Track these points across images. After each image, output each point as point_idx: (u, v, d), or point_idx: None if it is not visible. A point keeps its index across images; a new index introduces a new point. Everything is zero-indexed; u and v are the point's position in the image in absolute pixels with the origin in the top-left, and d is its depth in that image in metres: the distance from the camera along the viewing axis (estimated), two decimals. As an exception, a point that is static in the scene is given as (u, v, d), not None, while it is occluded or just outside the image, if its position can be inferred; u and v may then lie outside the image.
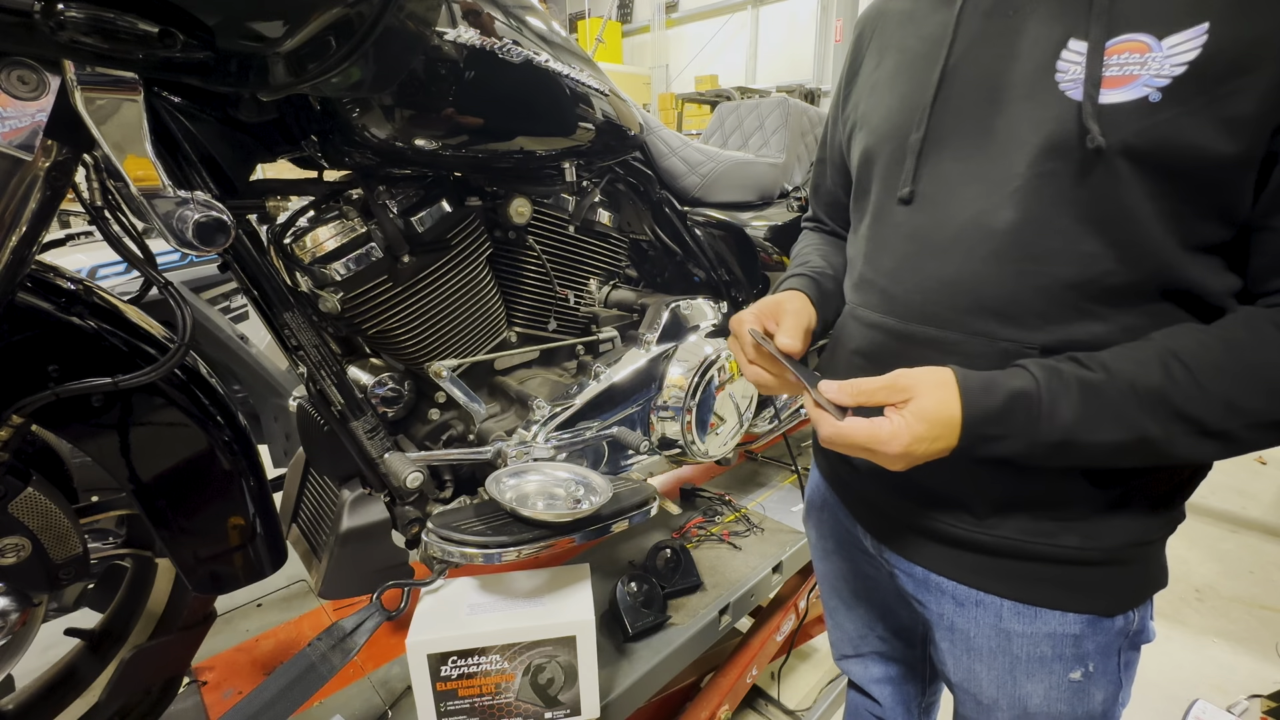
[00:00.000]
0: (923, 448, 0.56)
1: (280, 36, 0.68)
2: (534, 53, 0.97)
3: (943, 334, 0.63)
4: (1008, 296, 0.59)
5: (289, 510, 1.21)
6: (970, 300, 0.61)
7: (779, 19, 10.16)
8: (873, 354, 0.70)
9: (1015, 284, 0.59)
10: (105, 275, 1.87)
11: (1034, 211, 0.57)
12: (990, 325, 0.60)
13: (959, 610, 0.70)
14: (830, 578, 0.97)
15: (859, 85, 0.77)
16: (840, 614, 0.99)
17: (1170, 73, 0.50)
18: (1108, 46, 0.52)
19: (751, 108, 1.81)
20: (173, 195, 0.68)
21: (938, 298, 0.63)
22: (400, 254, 1.01)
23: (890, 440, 0.56)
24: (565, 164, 1.14)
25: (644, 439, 1.29)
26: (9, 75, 0.60)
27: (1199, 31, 0.49)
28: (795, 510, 1.46)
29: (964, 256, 0.61)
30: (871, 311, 0.71)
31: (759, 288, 1.65)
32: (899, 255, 0.68)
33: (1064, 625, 0.65)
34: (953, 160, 0.63)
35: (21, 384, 0.70)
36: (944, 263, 0.63)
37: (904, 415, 0.56)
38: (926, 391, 0.56)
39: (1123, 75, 0.52)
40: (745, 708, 1.67)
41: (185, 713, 1.06)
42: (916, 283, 0.65)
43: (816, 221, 0.97)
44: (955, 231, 0.62)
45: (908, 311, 0.66)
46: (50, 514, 0.76)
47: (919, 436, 0.55)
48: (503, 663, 0.88)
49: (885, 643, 0.96)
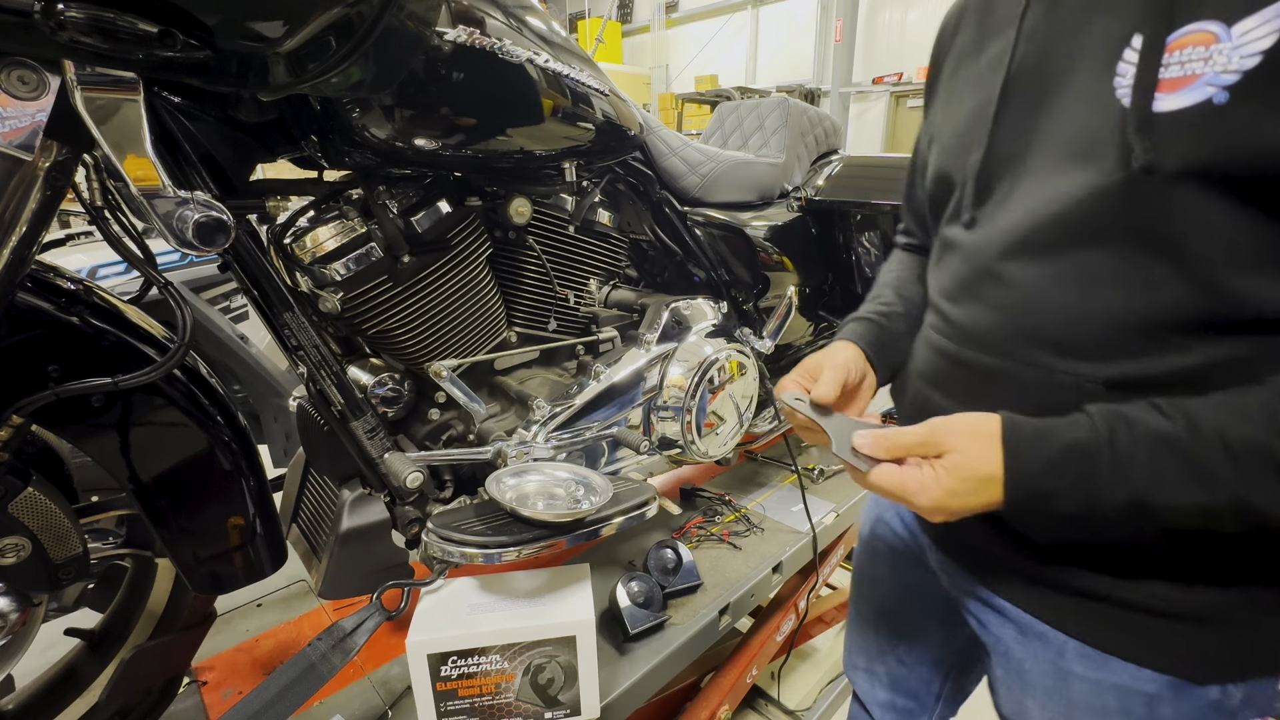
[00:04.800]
0: (957, 502, 0.51)
1: (280, 36, 0.68)
2: (534, 53, 0.97)
3: (998, 363, 0.58)
4: (1065, 325, 0.54)
5: (289, 510, 1.21)
6: (1024, 328, 0.56)
7: (779, 19, 10.15)
8: (934, 378, 0.67)
9: (1072, 312, 0.53)
10: (105, 275, 1.87)
11: (1089, 234, 0.51)
12: (1047, 356, 0.55)
13: (1020, 639, 0.64)
14: (870, 580, 0.91)
15: (938, 93, 0.72)
16: (866, 621, 0.93)
17: (1240, 66, 0.42)
18: (1170, 41, 0.45)
19: (751, 108, 1.81)
20: (173, 195, 0.68)
21: (991, 324, 0.59)
22: (400, 254, 1.01)
23: (919, 493, 0.52)
24: (565, 164, 1.14)
25: (644, 439, 1.29)
26: (9, 75, 0.60)
27: (1275, 11, 0.41)
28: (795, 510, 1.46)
29: (1017, 281, 0.56)
30: (935, 334, 0.67)
31: (759, 288, 1.65)
32: (956, 277, 0.64)
33: (1137, 680, 0.57)
34: (1011, 178, 0.58)
35: (21, 384, 0.69)
36: (996, 288, 0.58)
37: (935, 468, 0.52)
38: (963, 446, 0.52)
39: (1183, 75, 0.45)
40: (745, 708, 1.67)
41: (185, 713, 1.06)
42: (971, 307, 0.61)
43: (907, 235, 0.90)
44: (1007, 253, 0.57)
45: (964, 337, 0.62)
46: (50, 514, 0.76)
47: (951, 491, 0.51)
48: (503, 663, 0.88)
49: (904, 667, 0.90)
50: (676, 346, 1.35)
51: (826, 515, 1.47)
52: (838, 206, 1.68)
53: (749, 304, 1.65)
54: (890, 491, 0.54)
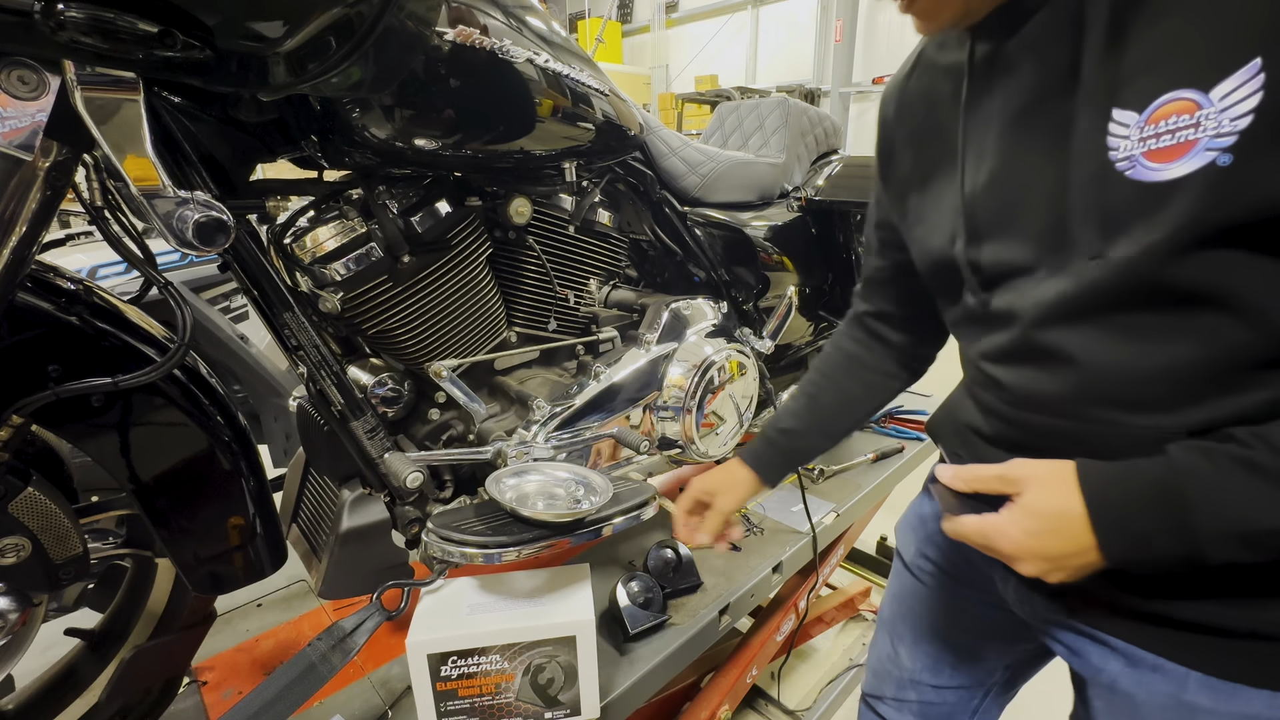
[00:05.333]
0: (1039, 543, 0.51)
1: (280, 36, 0.68)
2: (534, 53, 0.97)
3: (1068, 424, 0.57)
4: (1128, 385, 0.53)
5: (289, 510, 1.21)
6: (1087, 392, 0.55)
7: (779, 19, 10.15)
8: (994, 438, 0.65)
9: (1132, 372, 0.52)
10: (105, 275, 1.87)
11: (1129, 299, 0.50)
12: (1117, 414, 0.54)
13: (1129, 671, 0.60)
14: (916, 603, 0.87)
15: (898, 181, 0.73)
16: (904, 646, 0.89)
17: (1233, 128, 0.42)
18: (1149, 113, 0.46)
19: (751, 108, 1.81)
20: (173, 195, 0.68)
21: (1051, 390, 0.57)
22: (400, 254, 1.01)
23: (998, 535, 0.52)
24: (565, 164, 1.14)
25: (644, 439, 1.29)
26: (9, 75, 0.60)
27: (1251, 71, 0.41)
28: (795, 510, 1.46)
29: (1065, 349, 0.55)
30: (989, 395, 0.65)
31: (759, 288, 1.65)
32: (995, 345, 0.62)
33: (1272, 708, 0.53)
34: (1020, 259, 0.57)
35: (21, 384, 0.69)
36: (1044, 356, 0.56)
37: (1012, 509, 0.52)
38: (1038, 485, 0.52)
39: (1178, 143, 0.44)
40: (745, 708, 1.67)
41: (185, 713, 1.06)
42: (1023, 373, 0.59)
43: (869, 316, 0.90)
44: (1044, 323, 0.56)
45: (1024, 402, 0.60)
46: (50, 514, 0.76)
47: (1031, 531, 0.51)
48: (503, 663, 0.88)
49: (938, 693, 0.87)
50: (676, 346, 1.35)
51: (826, 515, 1.47)
52: (838, 206, 1.68)
53: (749, 304, 1.65)
54: (971, 539, 0.54)
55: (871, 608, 2.03)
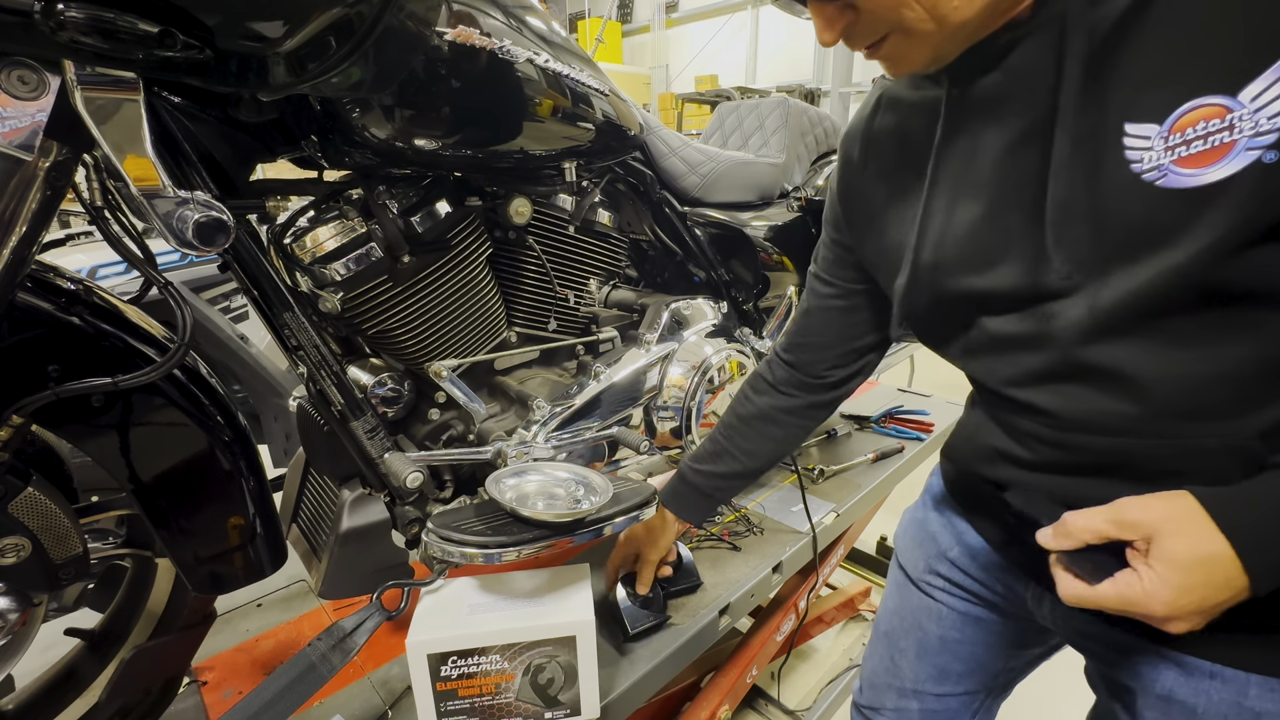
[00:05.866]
0: (1195, 598, 0.46)
1: (280, 36, 0.68)
2: (534, 53, 0.97)
3: (1124, 442, 0.54)
4: (1190, 396, 0.51)
5: (289, 510, 1.21)
6: (1144, 409, 0.53)
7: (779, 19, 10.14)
8: (1036, 463, 0.62)
9: (1188, 376, 0.50)
10: (105, 275, 1.87)
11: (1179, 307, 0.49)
12: (1176, 425, 0.52)
13: (1184, 679, 0.58)
14: (924, 618, 0.85)
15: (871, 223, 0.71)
16: (907, 660, 0.87)
17: (1272, 125, 0.42)
18: (1172, 122, 0.45)
19: (751, 108, 1.81)
20: (173, 195, 0.68)
21: (1101, 408, 0.55)
22: (400, 254, 1.01)
23: (1147, 600, 0.47)
24: (565, 164, 1.14)
25: (644, 439, 1.29)
26: (9, 75, 0.60)
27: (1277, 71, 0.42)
28: (795, 510, 1.46)
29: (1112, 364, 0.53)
30: (1023, 420, 0.62)
31: (759, 288, 1.65)
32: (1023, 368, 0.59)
33: None
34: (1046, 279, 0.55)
35: (21, 384, 0.69)
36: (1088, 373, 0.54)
37: (1154, 567, 0.47)
38: (1170, 529, 0.47)
39: (1213, 147, 0.44)
40: (745, 708, 1.67)
41: (185, 713, 1.06)
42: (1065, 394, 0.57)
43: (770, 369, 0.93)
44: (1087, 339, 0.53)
45: (1069, 425, 0.57)
46: (50, 514, 0.76)
47: (1184, 588, 0.46)
48: (503, 663, 0.88)
49: (941, 700, 0.86)
50: (676, 346, 1.35)
51: (826, 515, 1.47)
52: (838, 206, 1.67)
53: (749, 304, 1.65)
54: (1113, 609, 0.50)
55: (871, 607, 2.03)
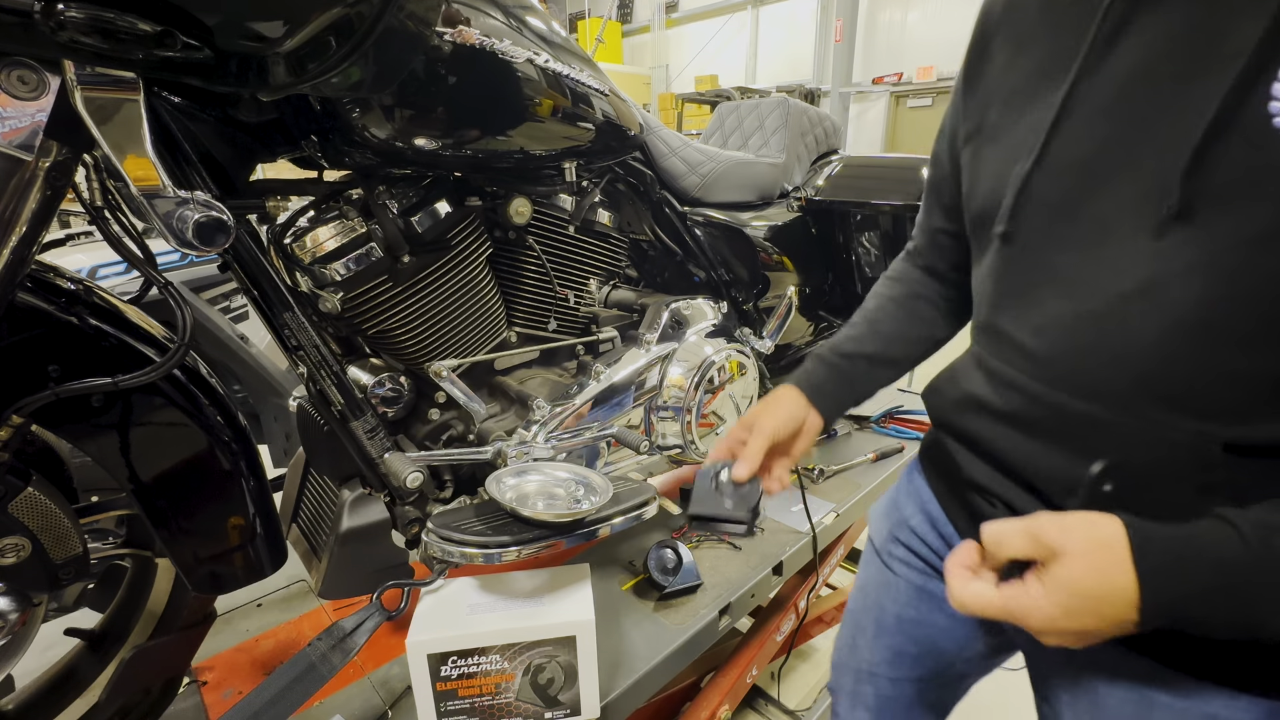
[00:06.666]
0: (1077, 623, 0.45)
1: (280, 36, 0.68)
2: (534, 53, 0.97)
3: (1101, 413, 0.52)
4: (1187, 381, 0.48)
5: (289, 510, 1.21)
6: (1135, 379, 0.50)
7: (779, 19, 10.16)
8: (1011, 416, 0.59)
9: (1199, 368, 0.47)
10: (105, 275, 1.87)
11: (1237, 285, 0.44)
12: (1159, 412, 0.49)
13: (1091, 664, 0.59)
14: (882, 594, 0.84)
15: (988, 83, 0.63)
16: (865, 638, 0.86)
17: None
18: None
19: (751, 108, 1.81)
20: (173, 195, 0.68)
21: (1093, 368, 0.52)
22: (400, 254, 1.01)
23: (1027, 614, 0.46)
24: (565, 164, 1.14)
25: (644, 439, 1.29)
26: (9, 75, 0.60)
27: None
28: (795, 510, 1.46)
29: (1131, 325, 0.49)
30: (1005, 365, 0.59)
31: (759, 288, 1.65)
32: (1047, 312, 0.56)
33: (1231, 709, 0.52)
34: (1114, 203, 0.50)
35: (21, 384, 0.69)
36: (1102, 330, 0.51)
37: (1044, 583, 0.46)
38: (1078, 555, 0.45)
39: None
40: (745, 708, 1.67)
41: (185, 713, 1.06)
42: (1065, 346, 0.54)
43: (929, 234, 0.81)
44: (1119, 294, 0.50)
45: (1054, 378, 0.55)
46: (50, 514, 0.76)
47: (1070, 610, 0.45)
48: (503, 663, 0.88)
49: (896, 687, 0.84)
50: (676, 346, 1.35)
51: (826, 515, 1.47)
52: (838, 206, 1.68)
53: (749, 304, 1.65)
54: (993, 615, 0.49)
55: (871, 608, 2.03)
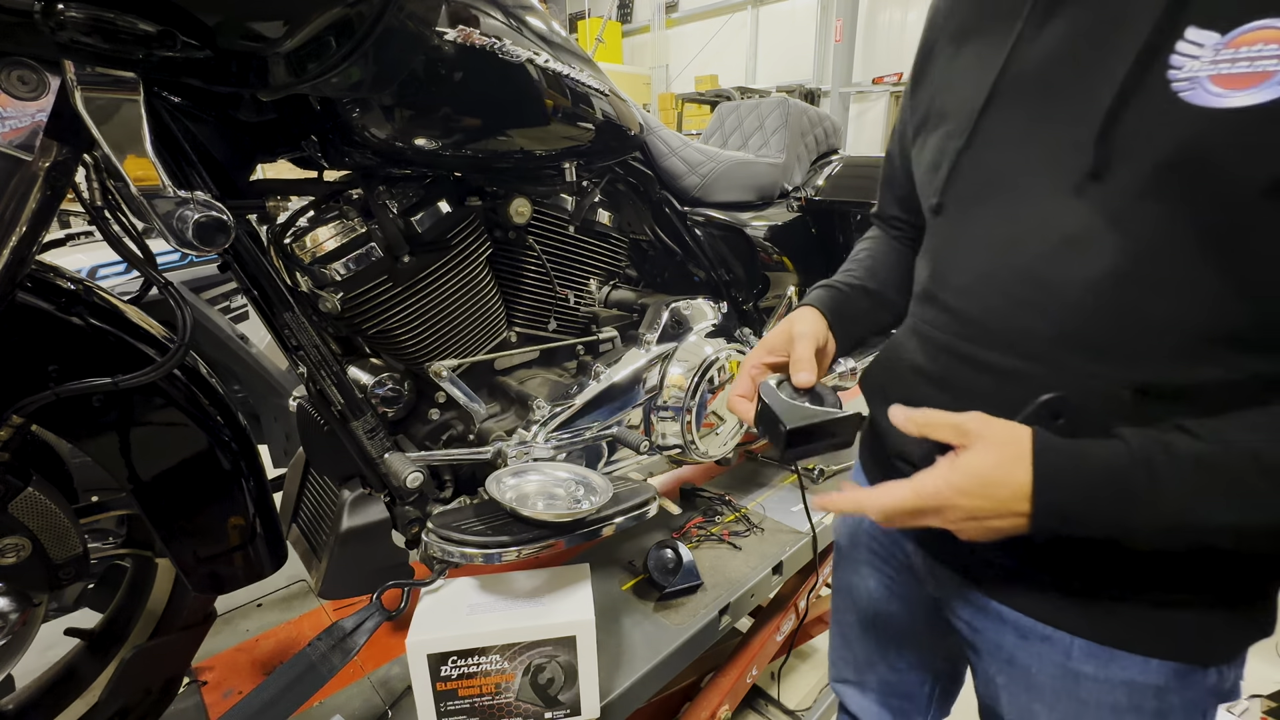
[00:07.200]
0: (969, 502, 0.49)
1: (280, 36, 0.68)
2: (534, 53, 0.97)
3: (1024, 365, 0.55)
4: (1101, 331, 0.51)
5: (289, 510, 1.21)
6: (1056, 330, 0.53)
7: (779, 19, 10.15)
8: (943, 380, 0.62)
9: (1111, 318, 0.50)
10: (105, 275, 1.87)
11: (1142, 238, 0.48)
12: (1077, 359, 0.52)
13: (1021, 643, 0.62)
14: (853, 592, 0.88)
15: (933, 76, 0.68)
16: (853, 633, 0.90)
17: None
18: (1233, 36, 0.43)
19: (751, 108, 1.81)
20: (173, 195, 0.68)
21: (1019, 325, 0.55)
22: (400, 254, 1.01)
23: (936, 493, 0.50)
24: (565, 164, 1.14)
25: (644, 439, 1.29)
26: (9, 75, 0.60)
27: None
28: (795, 510, 1.46)
29: (1049, 282, 0.53)
30: (937, 330, 0.63)
31: (759, 288, 1.65)
32: (971, 273, 0.60)
33: (1145, 674, 0.56)
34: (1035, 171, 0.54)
35: (21, 384, 0.70)
36: (1025, 287, 0.54)
37: (952, 465, 0.50)
38: (987, 447, 0.49)
39: (1253, 72, 0.42)
40: (745, 708, 1.67)
41: (185, 713, 1.06)
42: (992, 306, 0.57)
43: (883, 220, 0.87)
44: (1039, 253, 0.53)
45: (981, 336, 0.58)
46: (50, 514, 0.76)
47: (964, 491, 0.49)
48: (503, 663, 0.88)
49: (895, 673, 0.88)
50: (676, 346, 1.35)
51: (826, 515, 1.47)
52: (838, 206, 1.68)
53: (749, 304, 1.65)
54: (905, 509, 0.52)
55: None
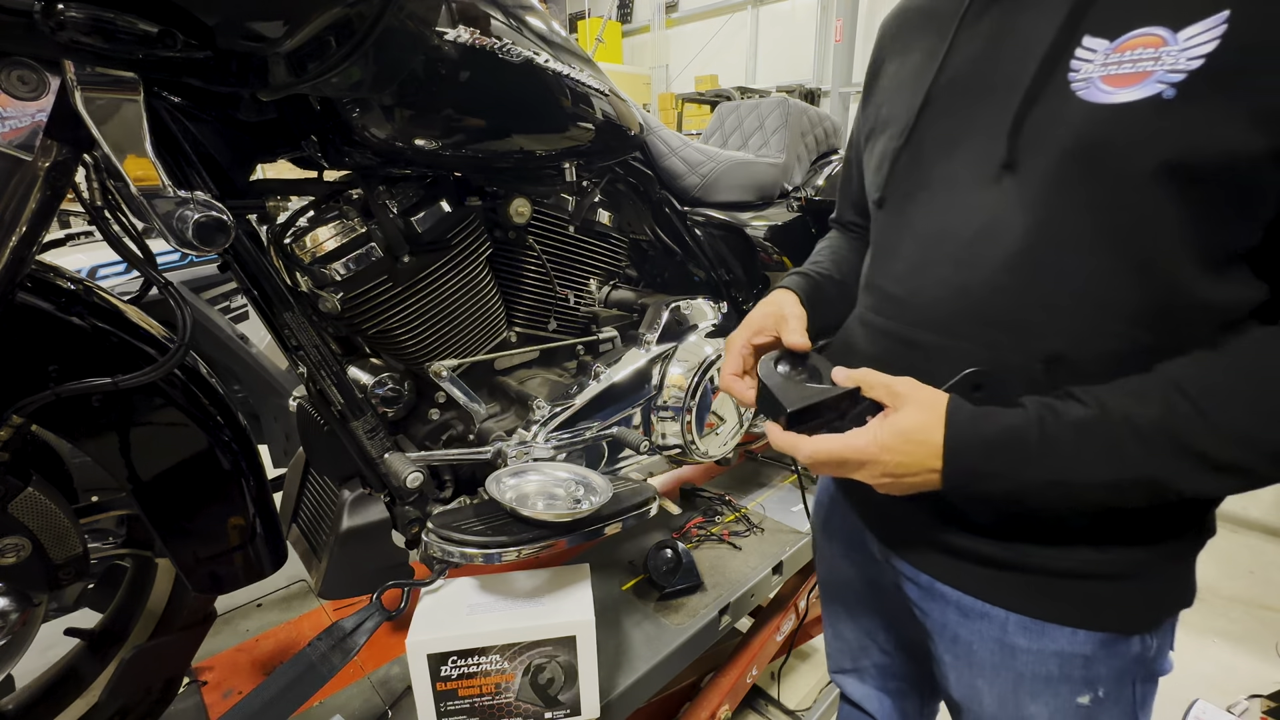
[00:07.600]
0: (891, 458, 0.55)
1: (280, 36, 0.68)
2: (534, 53, 0.97)
3: (952, 343, 0.61)
4: (1014, 308, 0.57)
5: (289, 510, 1.21)
6: (977, 310, 0.59)
7: (779, 19, 10.14)
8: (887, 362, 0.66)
9: (1022, 296, 0.56)
10: (105, 275, 1.87)
11: (1045, 222, 0.54)
12: (995, 335, 0.58)
13: (963, 621, 0.67)
14: (834, 583, 0.94)
15: (880, 88, 0.75)
16: (841, 622, 0.96)
17: (1185, 66, 0.46)
18: (1119, 42, 0.50)
19: (751, 108, 1.81)
20: (173, 195, 0.68)
21: (946, 306, 0.61)
22: (400, 254, 1.01)
23: (862, 448, 0.56)
24: (565, 164, 1.14)
25: (644, 439, 1.29)
26: (9, 75, 0.60)
27: (1218, 21, 0.45)
28: (795, 510, 1.46)
29: (971, 265, 0.59)
30: (880, 317, 0.69)
31: (759, 288, 1.65)
32: (906, 260, 0.66)
33: (1073, 644, 0.62)
34: (960, 165, 0.61)
35: (21, 384, 0.69)
36: (951, 270, 0.61)
37: (880, 424, 0.56)
38: (911, 408, 0.56)
39: (1135, 72, 0.48)
40: (745, 708, 1.67)
41: (185, 713, 1.06)
42: (923, 289, 0.63)
43: (841, 224, 0.94)
44: (963, 239, 0.60)
45: (916, 318, 0.64)
46: (50, 514, 0.76)
47: (887, 447, 0.55)
48: (503, 663, 0.88)
49: (887, 656, 0.93)
50: (676, 346, 1.35)
51: (826, 515, 1.47)
52: (838, 206, 1.68)
53: (749, 304, 1.65)
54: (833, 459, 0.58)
55: (871, 608, 2.03)
